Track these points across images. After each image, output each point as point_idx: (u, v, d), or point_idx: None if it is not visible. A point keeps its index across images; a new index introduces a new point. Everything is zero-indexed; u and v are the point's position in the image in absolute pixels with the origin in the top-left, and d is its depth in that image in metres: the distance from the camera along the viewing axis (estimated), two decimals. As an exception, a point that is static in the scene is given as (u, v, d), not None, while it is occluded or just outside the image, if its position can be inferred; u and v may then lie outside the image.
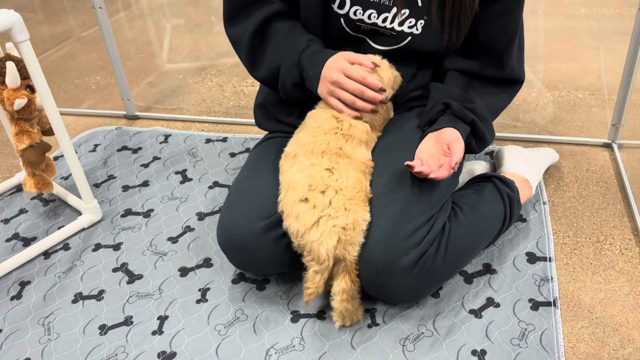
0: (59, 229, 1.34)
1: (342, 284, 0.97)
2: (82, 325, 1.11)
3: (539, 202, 1.32)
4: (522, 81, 1.17)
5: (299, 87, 1.10)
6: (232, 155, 1.61)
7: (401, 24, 1.07)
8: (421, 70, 1.15)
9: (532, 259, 1.17)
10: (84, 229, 1.36)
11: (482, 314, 1.05)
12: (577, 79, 1.93)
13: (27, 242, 1.35)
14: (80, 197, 1.37)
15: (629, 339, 1.00)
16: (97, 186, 1.52)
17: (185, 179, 1.52)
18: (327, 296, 1.04)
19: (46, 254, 1.30)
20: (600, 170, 1.45)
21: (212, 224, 1.34)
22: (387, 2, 1.05)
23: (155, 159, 1.63)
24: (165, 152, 1.65)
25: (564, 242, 1.22)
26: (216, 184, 1.49)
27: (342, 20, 1.09)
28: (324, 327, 1.05)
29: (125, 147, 1.70)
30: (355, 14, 1.07)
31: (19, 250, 1.32)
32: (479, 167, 1.35)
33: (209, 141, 1.69)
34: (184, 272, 1.21)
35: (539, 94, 1.86)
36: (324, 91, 1.06)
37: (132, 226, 1.36)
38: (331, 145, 1.03)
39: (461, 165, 1.20)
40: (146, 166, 1.59)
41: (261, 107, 1.27)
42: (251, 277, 1.18)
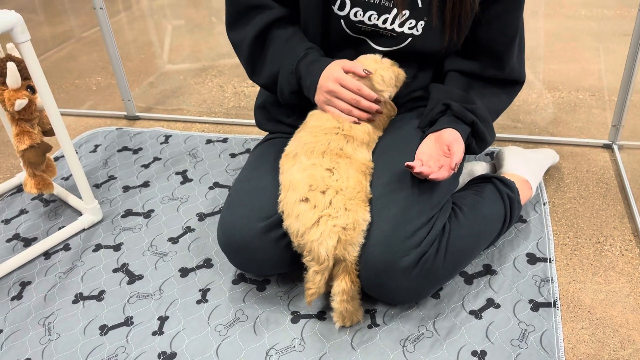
0: (60, 229, 1.35)
1: (342, 285, 0.97)
2: (82, 325, 1.11)
3: (539, 203, 1.32)
4: (523, 82, 1.18)
5: (296, 94, 1.11)
6: (233, 155, 1.61)
7: (401, 25, 1.07)
8: (422, 71, 1.15)
9: (532, 259, 1.17)
10: (84, 230, 1.36)
11: (483, 314, 1.05)
12: (577, 80, 1.93)
13: (27, 242, 1.35)
14: (80, 198, 1.37)
15: (629, 340, 1.00)
16: (97, 187, 1.52)
17: (185, 180, 1.52)
18: (327, 297, 1.04)
19: (47, 255, 1.30)
20: (600, 171, 1.45)
21: (213, 225, 1.34)
22: (387, 4, 1.05)
23: (155, 159, 1.63)
24: (165, 153, 1.65)
25: (564, 243, 1.22)
26: (216, 185, 1.49)
27: (342, 21, 1.09)
28: (324, 327, 1.05)
29: (125, 148, 1.70)
30: (355, 15, 1.07)
31: (20, 250, 1.32)
32: (479, 168, 1.35)
33: (209, 142, 1.69)
34: (185, 272, 1.21)
35: (539, 95, 1.86)
36: (321, 100, 1.07)
37: (132, 227, 1.36)
38: (332, 145, 1.03)
39: (461, 166, 1.20)
40: (147, 167, 1.59)
41: (262, 108, 1.27)
42: (251, 277, 1.18)
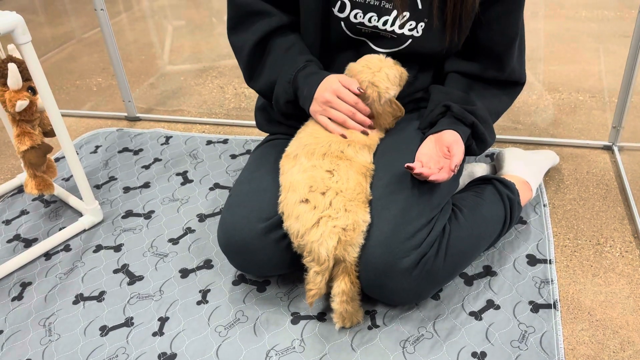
0: (60, 230, 1.35)
1: (342, 286, 0.97)
2: (82, 326, 1.11)
3: (539, 205, 1.32)
4: (523, 83, 1.18)
5: (292, 104, 1.12)
6: (233, 157, 1.61)
7: (401, 27, 1.07)
8: (422, 72, 1.15)
9: (532, 261, 1.17)
10: (85, 230, 1.36)
11: (482, 316, 1.05)
12: (577, 82, 1.93)
13: (28, 243, 1.35)
14: (81, 199, 1.37)
15: (629, 342, 1.00)
16: (98, 187, 1.53)
17: (186, 181, 1.52)
18: (327, 298, 1.04)
19: (47, 255, 1.30)
20: (600, 172, 1.45)
21: (213, 226, 1.34)
22: (387, 5, 1.05)
23: (156, 160, 1.63)
24: (166, 154, 1.65)
25: (564, 244, 1.23)
26: (217, 186, 1.49)
27: (342, 23, 1.09)
28: (324, 328, 1.05)
29: (126, 149, 1.70)
30: (355, 17, 1.07)
31: (20, 251, 1.32)
32: (479, 169, 1.35)
33: (209, 143, 1.69)
34: (185, 273, 1.21)
35: (539, 96, 1.86)
36: (316, 110, 1.07)
37: (132, 227, 1.36)
38: (332, 147, 1.03)
39: (461, 167, 1.20)
40: (147, 168, 1.60)
41: (262, 109, 1.27)
42: (252, 278, 1.18)
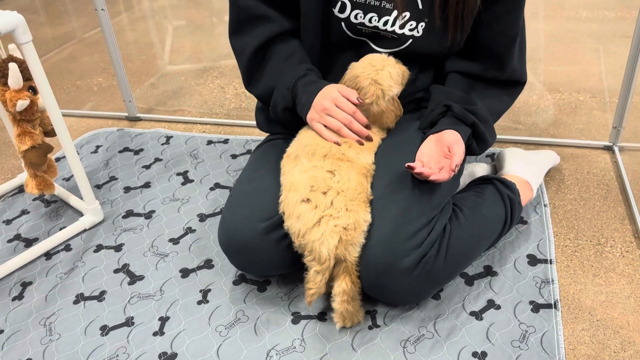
0: (61, 230, 1.35)
1: (343, 285, 0.97)
2: (83, 326, 1.11)
3: (539, 205, 1.32)
4: (524, 82, 1.17)
5: (289, 111, 1.11)
6: (234, 156, 1.61)
7: (402, 27, 1.07)
8: (423, 72, 1.15)
9: (533, 261, 1.17)
10: (85, 230, 1.36)
11: (483, 316, 1.05)
12: (578, 82, 1.93)
13: (28, 243, 1.35)
14: (81, 198, 1.38)
15: (629, 342, 1.00)
16: (98, 187, 1.53)
17: (186, 181, 1.52)
18: (328, 298, 1.04)
19: (48, 255, 1.30)
20: (601, 172, 1.45)
21: (213, 226, 1.34)
22: (387, 6, 1.05)
23: (156, 160, 1.63)
24: (166, 154, 1.65)
25: (565, 244, 1.22)
26: (217, 186, 1.49)
27: (342, 24, 1.09)
28: (325, 328, 1.05)
29: (126, 149, 1.70)
30: (356, 17, 1.07)
31: (21, 251, 1.32)
32: (480, 169, 1.35)
33: (210, 143, 1.69)
34: (185, 273, 1.21)
35: (540, 96, 1.86)
36: (312, 117, 1.06)
37: (133, 227, 1.36)
38: (334, 149, 1.03)
39: (462, 167, 1.21)
40: (148, 167, 1.60)
41: (262, 109, 1.27)
42: (252, 278, 1.18)
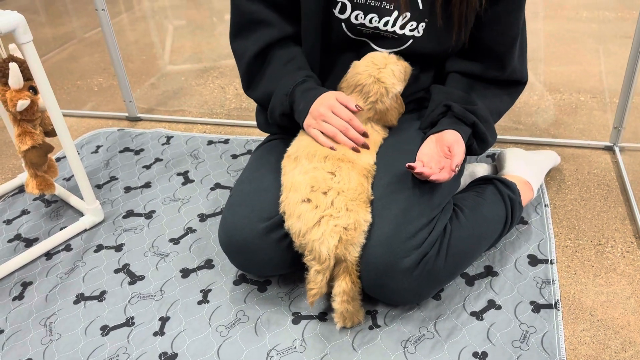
0: (61, 230, 1.35)
1: (343, 285, 0.97)
2: (83, 326, 1.11)
3: (540, 205, 1.32)
4: (525, 82, 1.17)
5: (287, 117, 1.11)
6: (234, 157, 1.61)
7: (402, 28, 1.07)
8: (423, 72, 1.15)
9: (533, 261, 1.17)
10: (85, 230, 1.36)
11: (484, 316, 1.05)
12: (578, 82, 1.93)
13: (29, 243, 1.35)
14: (82, 198, 1.38)
15: (630, 342, 1.00)
16: (99, 187, 1.53)
17: (187, 181, 1.52)
18: (328, 298, 1.04)
19: (48, 255, 1.30)
20: (601, 173, 1.45)
21: (214, 226, 1.34)
22: (388, 6, 1.05)
23: (157, 160, 1.63)
24: (167, 154, 1.65)
25: (566, 244, 1.22)
26: (218, 186, 1.49)
27: (343, 25, 1.09)
28: (325, 328, 1.05)
29: (127, 149, 1.70)
30: (356, 18, 1.07)
31: (21, 251, 1.32)
32: (480, 170, 1.35)
33: (210, 143, 1.69)
34: (186, 273, 1.21)
35: (540, 96, 1.86)
36: (309, 124, 1.06)
37: (133, 227, 1.36)
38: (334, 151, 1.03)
39: (462, 167, 1.21)
40: (148, 168, 1.60)
41: (263, 110, 1.27)
42: (252, 278, 1.18)
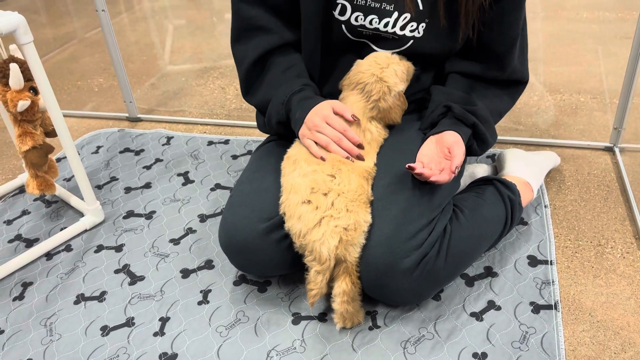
0: (62, 230, 1.35)
1: (343, 286, 0.97)
2: (84, 326, 1.11)
3: (540, 206, 1.32)
4: (526, 82, 1.17)
5: (283, 126, 1.11)
6: (234, 157, 1.61)
7: (403, 28, 1.07)
8: (424, 73, 1.15)
9: (533, 262, 1.17)
10: (86, 231, 1.37)
11: (483, 316, 1.05)
12: (578, 83, 1.93)
13: (29, 243, 1.35)
14: (82, 199, 1.38)
15: (630, 343, 1.00)
16: (99, 188, 1.53)
17: (187, 181, 1.52)
18: (328, 298, 1.04)
19: (48, 255, 1.30)
20: (601, 173, 1.45)
21: (214, 226, 1.34)
22: (388, 7, 1.05)
23: (157, 161, 1.63)
24: (167, 154, 1.65)
25: (565, 245, 1.22)
26: (218, 186, 1.49)
27: (343, 26, 1.09)
28: (325, 329, 1.05)
29: (127, 149, 1.70)
30: (356, 20, 1.07)
31: (22, 251, 1.32)
32: (480, 170, 1.36)
33: (211, 143, 1.69)
34: (186, 273, 1.21)
35: (540, 97, 1.86)
36: (304, 134, 1.06)
37: (134, 228, 1.37)
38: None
39: (462, 168, 1.21)
40: (148, 168, 1.60)
41: (263, 110, 1.27)
42: (252, 279, 1.18)
